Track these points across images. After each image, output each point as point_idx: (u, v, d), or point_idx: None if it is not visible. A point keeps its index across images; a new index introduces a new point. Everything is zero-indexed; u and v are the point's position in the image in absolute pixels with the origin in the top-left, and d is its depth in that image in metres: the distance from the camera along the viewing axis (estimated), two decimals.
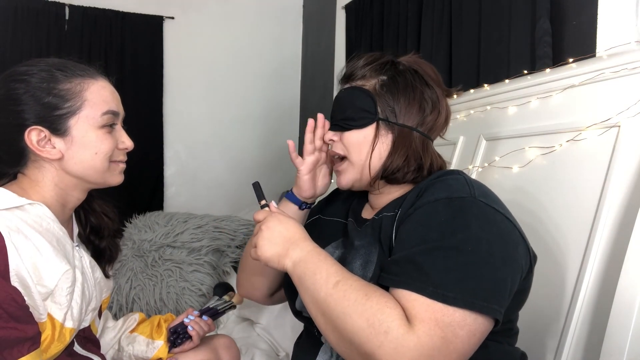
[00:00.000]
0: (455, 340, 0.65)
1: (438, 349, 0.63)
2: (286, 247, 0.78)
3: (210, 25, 3.30)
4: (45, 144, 0.85)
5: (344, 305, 0.69)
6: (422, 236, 0.73)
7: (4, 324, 0.72)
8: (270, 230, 0.80)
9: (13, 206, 0.80)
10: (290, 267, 0.77)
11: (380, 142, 0.87)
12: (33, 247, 0.79)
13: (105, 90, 0.90)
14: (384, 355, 0.64)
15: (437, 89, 0.90)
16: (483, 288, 0.67)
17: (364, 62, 0.91)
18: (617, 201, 0.98)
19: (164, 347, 1.13)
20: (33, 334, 0.76)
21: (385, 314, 0.66)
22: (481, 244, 0.70)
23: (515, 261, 0.73)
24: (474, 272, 0.68)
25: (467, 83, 1.78)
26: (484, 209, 0.74)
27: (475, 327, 0.66)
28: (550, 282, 1.05)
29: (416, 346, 0.63)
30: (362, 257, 0.83)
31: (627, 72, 1.05)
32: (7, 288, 0.73)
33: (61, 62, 0.89)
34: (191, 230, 2.13)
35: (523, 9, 1.61)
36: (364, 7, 2.63)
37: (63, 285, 0.82)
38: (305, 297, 0.75)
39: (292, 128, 3.57)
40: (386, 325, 0.65)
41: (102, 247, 1.01)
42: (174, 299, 1.93)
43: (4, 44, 2.77)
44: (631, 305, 0.85)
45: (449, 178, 0.81)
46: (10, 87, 0.84)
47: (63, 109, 0.84)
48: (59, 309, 0.82)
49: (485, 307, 0.66)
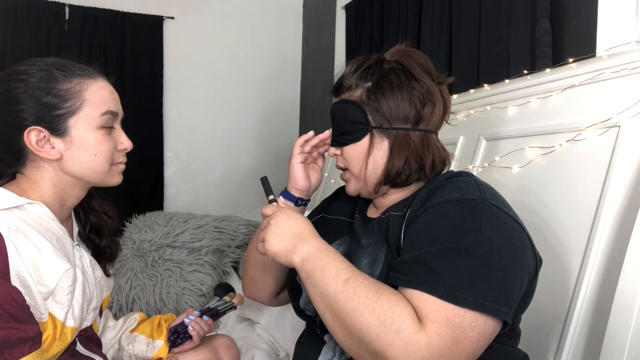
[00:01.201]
0: (466, 341, 0.65)
1: (449, 349, 0.64)
2: (294, 242, 0.78)
3: (210, 26, 3.30)
4: (44, 144, 0.84)
5: (354, 302, 0.69)
6: (432, 237, 0.73)
7: (4, 324, 0.72)
8: (279, 225, 0.80)
9: (12, 206, 0.80)
10: (298, 262, 0.77)
11: (377, 150, 0.87)
12: (33, 246, 0.79)
13: (104, 90, 0.90)
14: (395, 353, 0.64)
15: (426, 79, 0.88)
16: (493, 290, 0.67)
17: (348, 70, 0.91)
18: (617, 201, 0.98)
19: (164, 346, 1.13)
20: (34, 334, 0.76)
21: (396, 312, 0.66)
22: (492, 246, 0.70)
23: (524, 264, 0.74)
24: (485, 274, 0.68)
25: (467, 83, 1.78)
26: (495, 212, 0.75)
27: (485, 328, 0.67)
28: (550, 282, 1.05)
29: (427, 345, 0.63)
30: (370, 256, 0.83)
31: (627, 72, 1.05)
32: (7, 288, 0.73)
33: (60, 61, 0.88)
34: (191, 230, 2.13)
35: (523, 9, 1.61)
36: (364, 7, 2.63)
37: (64, 285, 0.82)
38: (313, 294, 0.74)
39: (292, 128, 3.57)
40: (397, 324, 0.65)
41: (102, 245, 1.00)
42: (174, 299, 1.93)
43: (4, 44, 2.77)
44: (631, 305, 0.85)
45: (459, 180, 0.81)
46: (9, 87, 0.84)
47: (62, 109, 0.84)
48: (60, 308, 0.82)
49: (495, 310, 0.66)
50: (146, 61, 3.12)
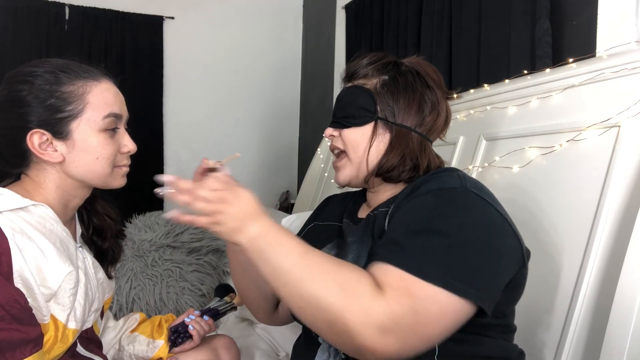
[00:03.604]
0: (426, 314, 0.64)
1: (406, 319, 0.63)
2: (244, 221, 0.73)
3: (210, 25, 3.30)
4: (47, 147, 0.84)
5: (313, 272, 0.68)
6: (408, 222, 0.74)
7: (6, 325, 0.72)
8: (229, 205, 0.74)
9: (17, 207, 0.80)
10: (245, 241, 0.73)
11: (378, 141, 0.89)
12: (37, 248, 0.79)
13: (108, 92, 0.89)
14: (353, 318, 0.63)
15: (437, 91, 0.92)
16: (461, 270, 0.67)
17: (367, 61, 0.93)
18: (617, 201, 0.98)
19: (164, 346, 1.13)
20: (36, 336, 0.75)
21: (357, 280, 0.66)
22: (466, 229, 0.70)
23: (501, 252, 0.73)
24: (454, 254, 0.68)
25: (467, 83, 1.78)
26: (474, 199, 0.75)
27: (449, 306, 0.66)
28: (550, 282, 1.05)
29: (385, 311, 0.63)
30: (354, 252, 0.84)
31: (627, 72, 1.05)
32: (10, 290, 0.73)
33: (65, 63, 0.87)
34: (191, 230, 2.13)
35: (523, 9, 1.61)
36: (364, 7, 2.63)
37: (66, 287, 0.82)
38: (267, 272, 0.72)
39: (292, 128, 3.57)
40: (358, 290, 0.65)
41: (105, 248, 1.00)
42: (173, 299, 1.93)
43: (4, 44, 2.77)
44: (631, 305, 0.85)
45: (443, 174, 0.83)
46: (14, 89, 0.83)
47: (65, 112, 0.83)
48: (62, 310, 0.82)
49: (459, 289, 0.66)
50: (146, 61, 3.12)
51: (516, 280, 0.78)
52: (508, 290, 0.76)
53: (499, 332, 0.81)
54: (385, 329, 0.63)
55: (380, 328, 0.63)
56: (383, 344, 0.63)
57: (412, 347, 0.65)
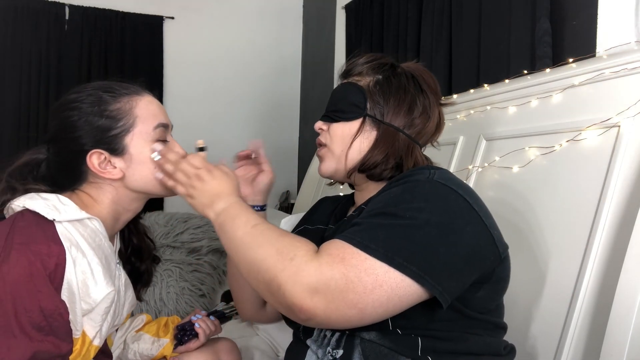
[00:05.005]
0: (358, 283, 0.65)
1: (336, 283, 0.65)
2: (213, 199, 0.83)
3: (210, 26, 3.30)
4: (106, 165, 0.86)
5: (259, 240, 0.73)
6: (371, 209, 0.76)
7: (43, 337, 0.72)
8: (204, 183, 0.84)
9: (75, 219, 0.80)
10: (212, 217, 0.82)
11: (364, 137, 0.90)
12: (87, 263, 0.79)
13: (152, 104, 0.92)
14: (285, 277, 0.67)
15: (431, 96, 0.92)
16: (408, 249, 0.68)
17: (364, 60, 0.94)
18: (617, 201, 0.98)
19: (169, 345, 1.13)
20: (66, 352, 0.76)
21: (296, 247, 0.70)
22: (421, 213, 0.71)
23: (459, 237, 0.71)
24: (404, 234, 0.69)
25: (467, 83, 1.78)
26: (437, 187, 0.76)
27: (386, 280, 0.66)
28: (550, 282, 1.05)
29: (315, 272, 0.66)
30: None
31: (627, 72, 1.05)
32: (57, 301, 0.74)
33: (105, 83, 0.91)
34: (191, 230, 2.13)
35: (523, 9, 1.61)
36: (364, 7, 2.63)
37: (103, 305, 0.82)
38: (225, 241, 0.79)
39: (292, 128, 3.57)
40: (293, 253, 0.69)
41: (142, 270, 1.02)
42: (174, 299, 1.93)
43: (4, 44, 2.78)
44: (631, 305, 0.85)
45: (417, 170, 0.83)
46: (64, 117, 0.86)
47: (117, 128, 0.86)
48: (92, 327, 0.82)
49: (401, 265, 0.66)
50: (146, 61, 3.12)
51: (496, 274, 0.78)
52: (489, 284, 0.77)
53: (484, 329, 0.81)
54: (315, 289, 0.65)
55: (310, 288, 0.65)
56: (312, 304, 0.65)
57: (341, 313, 0.66)
